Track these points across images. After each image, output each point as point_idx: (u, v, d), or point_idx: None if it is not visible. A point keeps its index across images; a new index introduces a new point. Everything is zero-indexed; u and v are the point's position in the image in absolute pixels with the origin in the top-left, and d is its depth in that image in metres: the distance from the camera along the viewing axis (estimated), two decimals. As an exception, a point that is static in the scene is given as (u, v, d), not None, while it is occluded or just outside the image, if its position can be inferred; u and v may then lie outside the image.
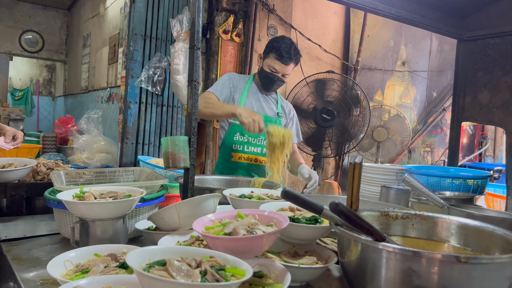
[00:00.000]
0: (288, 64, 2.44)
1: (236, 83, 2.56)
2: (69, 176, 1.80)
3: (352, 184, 1.23)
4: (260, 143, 2.54)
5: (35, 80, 9.55)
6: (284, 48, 2.42)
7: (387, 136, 4.77)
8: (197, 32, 1.63)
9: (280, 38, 2.49)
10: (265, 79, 2.53)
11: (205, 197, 1.32)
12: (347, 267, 1.09)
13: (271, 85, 2.55)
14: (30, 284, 1.11)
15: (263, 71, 2.52)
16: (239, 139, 2.51)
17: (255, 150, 2.54)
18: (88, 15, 6.70)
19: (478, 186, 2.49)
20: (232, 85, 2.54)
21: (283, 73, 2.47)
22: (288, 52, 2.42)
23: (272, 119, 2.57)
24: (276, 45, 2.44)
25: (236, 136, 2.51)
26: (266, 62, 2.49)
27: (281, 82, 2.52)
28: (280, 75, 2.47)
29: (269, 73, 2.48)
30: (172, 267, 0.81)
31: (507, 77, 2.93)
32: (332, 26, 5.04)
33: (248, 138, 2.52)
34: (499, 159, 7.28)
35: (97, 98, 5.79)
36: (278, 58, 2.43)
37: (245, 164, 2.54)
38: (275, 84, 2.53)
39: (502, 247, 1.11)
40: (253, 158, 2.55)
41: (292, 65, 2.48)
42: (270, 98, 2.66)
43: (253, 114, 2.19)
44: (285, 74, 2.48)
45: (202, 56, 4.15)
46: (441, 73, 6.43)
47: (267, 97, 2.64)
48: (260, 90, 2.62)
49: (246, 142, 2.52)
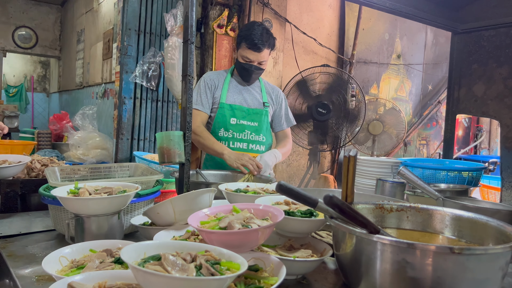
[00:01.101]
0: (261, 51, 2.35)
1: (214, 83, 2.49)
2: (64, 172, 1.79)
3: (346, 177, 1.23)
4: (246, 137, 2.49)
5: (29, 76, 9.49)
6: (255, 35, 2.32)
7: (382, 130, 4.79)
8: (191, 26, 1.62)
9: (250, 25, 2.40)
10: (241, 71, 2.47)
11: (200, 191, 1.32)
12: (342, 259, 1.10)
13: (249, 76, 2.47)
14: (26, 281, 1.11)
15: (238, 63, 2.45)
16: (224, 135, 2.47)
17: (241, 146, 2.50)
18: (82, 11, 6.65)
19: (473, 178, 2.50)
20: (209, 87, 2.47)
21: (258, 61, 2.39)
22: (259, 39, 2.32)
23: (257, 111, 2.51)
24: (247, 34, 2.34)
25: (220, 132, 2.46)
26: (239, 52, 2.42)
27: (259, 70, 2.44)
28: (256, 63, 2.40)
29: (244, 63, 2.40)
30: (167, 261, 0.81)
31: (501, 68, 2.94)
32: (327, 19, 5.03)
33: (233, 134, 2.47)
34: (494, 151, 7.33)
35: (92, 94, 5.76)
36: (250, 47, 2.34)
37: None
38: (253, 74, 2.45)
39: (496, 237, 1.12)
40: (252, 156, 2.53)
41: (267, 51, 2.39)
42: (253, 88, 2.57)
43: (240, 158, 2.18)
44: (261, 61, 2.40)
45: (197, 50, 4.13)
46: (436, 66, 6.44)
47: (250, 88, 2.56)
48: (241, 82, 2.55)
49: (231, 137, 2.47)
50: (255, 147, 2.52)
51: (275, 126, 2.69)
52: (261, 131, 2.53)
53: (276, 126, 2.69)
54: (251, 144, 2.51)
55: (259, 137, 2.53)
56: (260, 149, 2.54)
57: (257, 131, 2.52)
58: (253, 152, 2.51)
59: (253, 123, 2.51)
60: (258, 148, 2.53)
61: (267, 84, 2.68)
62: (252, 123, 2.51)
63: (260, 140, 2.54)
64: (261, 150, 2.54)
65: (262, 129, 2.54)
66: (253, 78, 2.51)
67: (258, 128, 2.52)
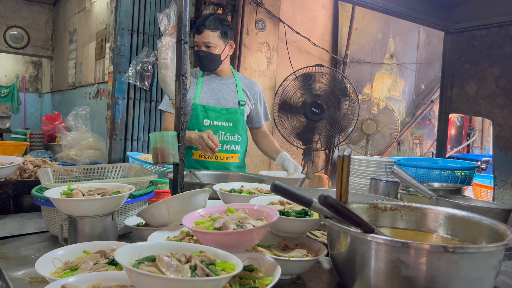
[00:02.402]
0: (202, 32, 2.38)
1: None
2: (57, 173, 1.78)
3: (341, 176, 1.23)
4: (221, 138, 2.46)
5: (21, 76, 9.41)
6: (199, 21, 2.40)
7: (376, 129, 4.81)
8: (184, 26, 1.61)
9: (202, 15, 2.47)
10: (196, 59, 2.49)
11: (195, 192, 1.32)
12: (337, 259, 1.10)
13: (202, 62, 2.45)
14: (19, 283, 1.10)
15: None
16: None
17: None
18: (74, 10, 6.61)
19: (466, 177, 2.52)
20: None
21: (203, 41, 2.39)
22: (201, 22, 2.38)
23: (231, 110, 2.48)
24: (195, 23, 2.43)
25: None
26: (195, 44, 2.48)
27: (210, 54, 2.41)
28: (203, 48, 2.40)
29: (196, 50, 2.45)
30: (162, 262, 0.81)
31: (493, 68, 2.96)
32: (321, 19, 5.04)
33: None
34: (487, 150, 7.39)
35: (85, 94, 5.72)
36: (195, 31, 2.41)
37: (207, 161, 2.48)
38: (204, 59, 2.43)
39: (489, 236, 1.13)
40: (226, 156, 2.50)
41: (211, 33, 2.38)
42: (227, 85, 2.54)
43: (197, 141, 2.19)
44: (206, 44, 2.39)
45: (190, 50, 4.12)
46: (429, 66, 6.48)
47: (224, 86, 2.53)
48: (214, 80, 2.53)
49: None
50: (230, 147, 2.49)
51: (254, 122, 2.67)
52: (236, 130, 2.51)
53: (256, 122, 2.67)
54: (225, 144, 2.47)
55: (234, 137, 2.50)
56: (236, 148, 2.51)
57: (232, 131, 2.50)
58: (227, 152, 2.48)
59: (228, 123, 2.48)
60: (233, 148, 2.50)
61: (243, 78, 2.64)
62: (226, 123, 2.48)
63: (235, 140, 2.51)
64: (237, 150, 2.52)
65: (237, 128, 2.51)
66: (209, 65, 2.46)
67: (233, 128, 2.50)
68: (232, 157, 2.51)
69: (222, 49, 2.45)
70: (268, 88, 4.31)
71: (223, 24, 2.43)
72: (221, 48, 2.44)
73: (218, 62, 2.47)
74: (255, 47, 4.19)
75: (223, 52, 2.46)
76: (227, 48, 2.48)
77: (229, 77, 2.58)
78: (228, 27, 2.46)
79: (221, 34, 2.42)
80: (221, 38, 2.42)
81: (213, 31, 2.39)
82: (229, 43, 2.48)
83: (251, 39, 4.15)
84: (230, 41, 2.49)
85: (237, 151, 2.53)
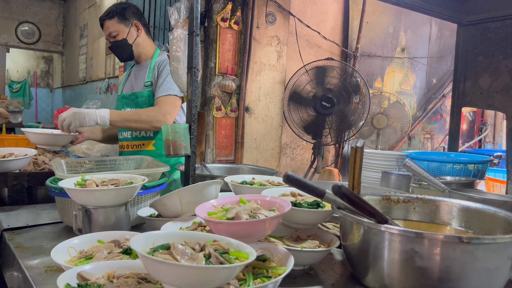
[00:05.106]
0: (103, 25, 2.38)
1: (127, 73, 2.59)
2: (70, 165, 1.80)
3: (353, 168, 1.23)
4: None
5: (32, 72, 9.50)
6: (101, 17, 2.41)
7: (387, 123, 4.77)
8: (196, 18, 1.62)
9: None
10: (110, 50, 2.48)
11: (207, 183, 1.32)
12: (350, 250, 1.10)
13: (115, 53, 2.44)
14: (34, 271, 1.12)
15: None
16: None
17: (126, 136, 2.44)
18: (85, 5, 6.64)
19: (479, 171, 2.50)
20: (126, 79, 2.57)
21: (107, 33, 2.38)
22: (103, 15, 2.39)
23: (138, 94, 2.40)
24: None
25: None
26: None
27: (116, 42, 2.37)
28: (111, 40, 2.38)
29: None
30: (176, 250, 0.81)
31: (507, 60, 2.91)
32: (331, 12, 5.00)
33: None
34: (499, 145, 7.29)
35: (96, 89, 5.77)
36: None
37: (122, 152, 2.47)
38: (114, 50, 2.42)
39: (504, 228, 1.11)
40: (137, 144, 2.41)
41: (107, 22, 2.36)
42: (140, 70, 2.48)
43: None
44: (110, 34, 2.36)
45: (201, 44, 4.12)
46: (441, 59, 6.39)
47: (138, 72, 2.49)
48: (134, 69, 2.54)
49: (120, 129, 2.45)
50: (140, 134, 2.40)
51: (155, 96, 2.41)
52: None
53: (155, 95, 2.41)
54: (134, 132, 2.40)
55: None
56: (148, 134, 2.38)
57: None
58: (138, 139, 2.39)
59: (135, 108, 2.40)
60: (144, 134, 2.39)
61: (159, 59, 2.43)
62: (135, 109, 2.39)
63: None
64: (149, 136, 2.38)
65: None
66: (122, 54, 2.42)
67: None
68: (143, 144, 2.39)
69: (126, 32, 2.37)
70: (278, 82, 4.29)
71: (119, 8, 2.37)
72: (124, 32, 2.36)
73: (128, 47, 2.40)
74: (265, 40, 4.17)
75: (128, 36, 2.37)
76: (133, 30, 2.39)
77: (146, 61, 2.49)
78: (125, 9, 2.38)
79: (119, 19, 2.36)
80: (120, 23, 2.36)
81: (111, 19, 2.35)
82: (133, 24, 2.40)
83: (261, 33, 4.14)
84: (134, 21, 2.40)
85: (149, 137, 2.38)
